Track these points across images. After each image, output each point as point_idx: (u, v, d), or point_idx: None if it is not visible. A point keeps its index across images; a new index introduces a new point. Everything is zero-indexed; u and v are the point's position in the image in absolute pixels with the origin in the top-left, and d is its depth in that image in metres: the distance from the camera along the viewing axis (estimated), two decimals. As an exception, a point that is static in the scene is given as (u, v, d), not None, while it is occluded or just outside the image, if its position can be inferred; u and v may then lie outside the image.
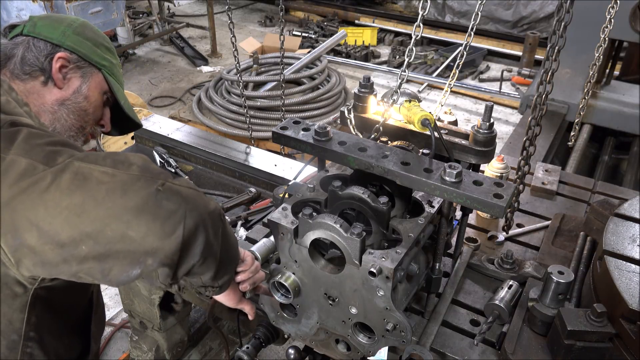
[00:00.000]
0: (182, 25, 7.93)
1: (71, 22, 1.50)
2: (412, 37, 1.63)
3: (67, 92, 1.45)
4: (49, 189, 1.05)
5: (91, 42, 1.50)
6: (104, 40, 1.57)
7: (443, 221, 1.60)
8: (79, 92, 1.47)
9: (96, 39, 1.53)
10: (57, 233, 1.05)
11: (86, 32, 1.51)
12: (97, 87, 1.51)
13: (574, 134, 3.57)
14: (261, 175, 2.81)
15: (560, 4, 1.83)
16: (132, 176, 1.11)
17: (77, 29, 1.49)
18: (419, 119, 1.62)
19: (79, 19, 1.54)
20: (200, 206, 1.17)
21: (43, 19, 1.47)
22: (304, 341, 1.76)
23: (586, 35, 3.39)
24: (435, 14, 8.60)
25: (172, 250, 1.10)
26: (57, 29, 1.45)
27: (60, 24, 1.47)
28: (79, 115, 1.48)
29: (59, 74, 1.42)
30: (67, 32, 1.46)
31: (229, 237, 1.35)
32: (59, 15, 1.56)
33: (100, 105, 1.54)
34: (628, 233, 1.73)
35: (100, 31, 1.59)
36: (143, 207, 1.08)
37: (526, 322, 1.67)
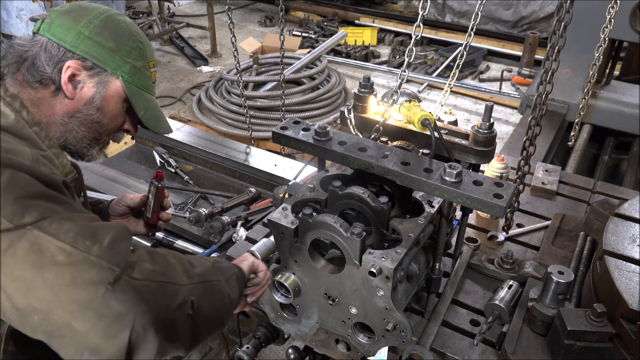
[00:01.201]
0: (182, 25, 7.93)
1: (93, 17, 1.32)
2: (412, 37, 1.63)
3: (78, 103, 1.33)
4: (6, 253, 1.00)
5: (111, 43, 1.33)
6: (129, 37, 1.38)
7: (443, 221, 1.60)
8: (91, 103, 1.34)
9: (118, 39, 1.35)
10: (12, 296, 1.01)
11: (106, 31, 1.33)
12: (114, 96, 1.37)
13: (574, 134, 3.57)
14: (261, 175, 2.81)
15: (560, 4, 1.83)
16: (87, 260, 1.02)
17: (96, 28, 1.32)
18: (419, 119, 1.62)
19: (106, 12, 1.36)
20: (161, 305, 1.07)
21: (62, 16, 1.32)
22: (304, 341, 1.76)
23: (586, 35, 3.39)
24: (435, 14, 8.60)
25: (115, 353, 1.01)
26: (73, 30, 1.30)
27: (78, 22, 1.31)
28: (92, 127, 1.37)
29: (68, 84, 1.30)
30: (83, 33, 1.30)
31: (207, 317, 1.22)
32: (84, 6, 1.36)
33: (119, 114, 1.41)
34: (628, 233, 1.73)
35: (127, 24, 1.39)
36: (89, 304, 0.99)
37: (526, 322, 1.67)
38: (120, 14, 1.42)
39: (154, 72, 1.48)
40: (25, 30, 5.21)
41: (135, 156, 3.21)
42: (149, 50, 1.44)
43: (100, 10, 1.36)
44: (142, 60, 1.40)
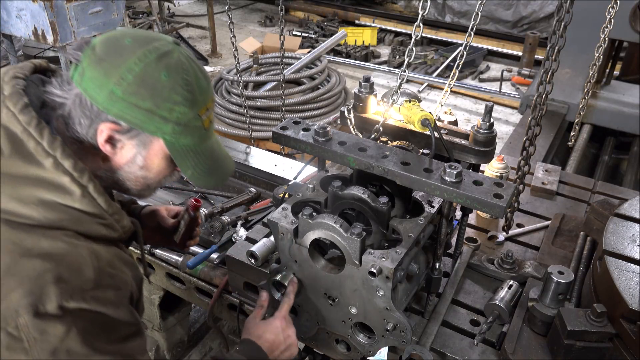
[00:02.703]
0: (182, 25, 7.93)
1: (127, 70, 1.12)
2: (412, 37, 1.63)
3: (120, 160, 1.23)
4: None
5: (148, 102, 1.14)
6: (172, 90, 1.16)
7: (443, 221, 1.60)
8: (133, 162, 1.23)
9: (157, 96, 1.14)
10: None
11: (143, 88, 1.13)
12: (157, 154, 1.23)
13: (574, 134, 3.57)
14: (261, 175, 2.81)
15: (560, 4, 1.83)
16: None
17: (129, 86, 1.12)
18: (419, 119, 1.62)
19: (145, 58, 1.14)
20: None
21: (93, 67, 1.13)
22: (304, 341, 1.76)
23: (586, 35, 3.38)
24: (435, 14, 8.60)
25: None
26: (104, 88, 1.12)
27: (110, 78, 1.12)
28: (137, 181, 1.28)
29: (106, 145, 1.18)
30: (115, 93, 1.12)
31: None
32: (120, 49, 1.15)
33: (166, 168, 1.28)
34: (628, 233, 1.73)
35: (170, 71, 1.16)
36: None
37: (526, 322, 1.67)
38: (165, 53, 1.17)
39: (207, 118, 1.26)
40: (25, 31, 5.21)
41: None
42: (201, 94, 1.21)
43: (137, 56, 1.14)
44: (190, 112, 1.19)
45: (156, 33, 1.27)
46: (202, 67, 1.26)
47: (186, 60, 1.19)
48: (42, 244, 1.10)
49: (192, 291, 2.17)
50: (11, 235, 1.09)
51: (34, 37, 5.19)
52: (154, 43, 1.17)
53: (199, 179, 1.30)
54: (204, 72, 1.26)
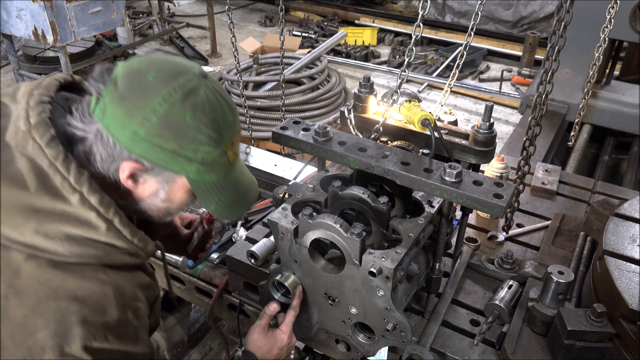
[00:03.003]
0: (182, 25, 7.93)
1: (151, 111, 1.08)
2: (412, 37, 1.63)
3: (142, 194, 1.21)
4: None
5: (172, 144, 1.11)
6: (198, 130, 1.12)
7: (443, 221, 1.60)
8: (156, 195, 1.22)
9: (181, 137, 1.11)
10: None
11: (167, 129, 1.09)
12: (180, 189, 1.22)
13: (574, 134, 3.57)
14: (261, 175, 2.81)
15: (560, 4, 1.83)
16: None
17: (153, 127, 1.08)
18: (419, 119, 1.62)
19: (169, 98, 1.09)
20: None
21: (115, 104, 1.09)
22: (304, 341, 1.76)
23: (586, 35, 3.39)
24: (435, 14, 8.59)
25: None
26: (127, 128, 1.08)
27: (133, 119, 1.08)
28: (159, 212, 1.28)
29: (128, 181, 1.17)
30: (138, 134, 1.08)
31: None
32: (143, 87, 1.10)
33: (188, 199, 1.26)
34: (628, 233, 1.73)
35: (196, 111, 1.11)
36: None
37: (526, 322, 1.67)
38: (191, 90, 1.11)
39: (232, 153, 1.22)
40: (25, 31, 5.20)
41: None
42: (227, 131, 1.18)
43: (162, 96, 1.09)
44: (215, 151, 1.16)
45: (182, 62, 1.17)
46: (229, 100, 1.20)
47: (213, 96, 1.14)
48: (68, 284, 1.11)
49: (192, 291, 2.17)
50: (37, 274, 1.10)
51: (34, 37, 5.19)
52: (180, 79, 1.11)
53: (222, 212, 1.29)
54: (231, 104, 1.21)
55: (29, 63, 6.39)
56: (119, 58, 7.18)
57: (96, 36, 6.70)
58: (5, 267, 1.09)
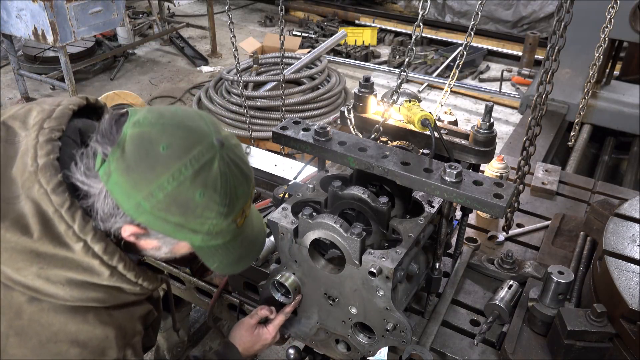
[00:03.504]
0: (182, 25, 7.92)
1: (158, 188, 1.02)
2: (412, 37, 1.63)
3: (145, 246, 1.19)
4: None
5: (178, 218, 1.07)
6: (207, 207, 1.07)
7: (443, 221, 1.60)
8: (159, 250, 1.20)
9: (189, 214, 1.06)
10: None
11: (174, 205, 1.04)
12: (184, 248, 1.20)
13: (574, 134, 3.57)
14: (261, 175, 2.81)
15: (560, 4, 1.83)
16: None
17: (159, 203, 1.03)
18: (419, 119, 1.62)
19: (179, 175, 1.03)
20: None
21: (120, 172, 1.03)
22: (304, 341, 1.76)
23: (586, 35, 3.38)
24: (435, 14, 8.59)
25: None
26: (131, 199, 1.04)
27: (138, 191, 1.03)
28: (162, 259, 1.26)
29: (130, 237, 1.14)
30: (144, 206, 1.04)
31: None
32: (152, 160, 1.02)
33: (191, 253, 1.23)
34: (628, 233, 1.73)
35: (208, 189, 1.05)
36: None
37: (526, 322, 1.67)
38: (204, 165, 1.04)
39: (242, 219, 1.18)
40: (25, 31, 5.21)
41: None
42: (238, 202, 1.13)
43: (172, 173, 1.02)
44: (223, 223, 1.11)
45: (198, 128, 1.07)
46: (244, 168, 1.14)
47: (228, 168, 1.08)
48: (69, 328, 1.11)
49: (192, 291, 2.17)
50: (39, 317, 1.10)
51: (34, 37, 5.20)
52: (193, 152, 1.03)
53: (225, 269, 1.26)
54: (246, 173, 1.15)
55: (29, 63, 6.39)
56: (118, 58, 7.19)
57: (96, 36, 6.70)
58: (7, 307, 1.08)
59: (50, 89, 6.53)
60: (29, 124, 1.14)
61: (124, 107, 4.24)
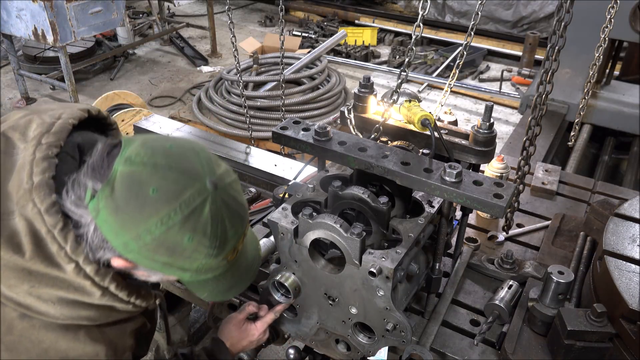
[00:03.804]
0: (182, 25, 7.93)
1: (145, 231, 1.01)
2: (412, 37, 1.63)
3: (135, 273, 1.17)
4: None
5: (166, 258, 1.06)
6: (196, 250, 1.06)
7: (443, 221, 1.60)
8: (149, 277, 1.19)
9: (177, 255, 1.05)
10: None
11: (163, 247, 1.04)
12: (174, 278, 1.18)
13: (574, 134, 3.57)
14: (261, 175, 2.80)
15: (560, 4, 1.83)
16: None
17: (147, 245, 1.03)
18: (419, 119, 1.62)
19: (169, 220, 1.01)
20: None
21: (109, 211, 1.01)
22: (304, 341, 1.76)
23: (586, 35, 3.39)
24: (435, 14, 8.59)
25: None
26: (120, 237, 1.03)
27: (126, 231, 1.02)
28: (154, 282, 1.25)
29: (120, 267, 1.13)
30: (131, 246, 1.03)
31: None
32: (140, 202, 1.01)
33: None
34: (628, 233, 1.73)
35: (198, 233, 1.04)
36: None
37: (526, 322, 1.67)
38: (194, 209, 1.02)
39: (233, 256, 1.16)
40: (25, 31, 5.21)
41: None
42: (231, 242, 1.12)
43: (160, 218, 1.01)
44: (213, 262, 1.10)
45: (192, 169, 1.05)
46: (238, 208, 1.12)
47: (219, 210, 1.06)
48: (59, 346, 1.11)
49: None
50: (30, 333, 1.10)
51: (34, 37, 5.20)
52: (184, 195, 1.01)
53: (215, 297, 1.27)
54: (240, 212, 1.13)
55: (29, 63, 6.40)
56: (118, 58, 7.19)
57: (96, 36, 6.70)
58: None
59: (50, 89, 6.53)
60: (28, 136, 1.13)
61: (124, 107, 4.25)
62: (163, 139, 1.12)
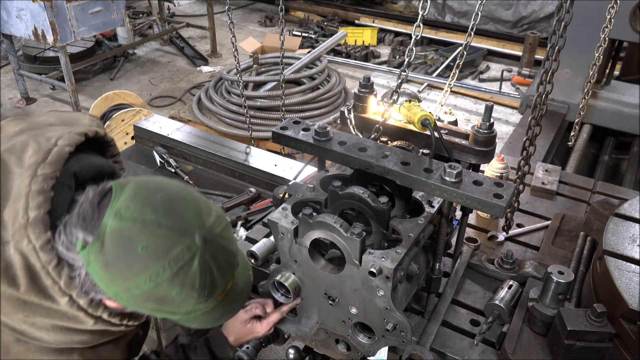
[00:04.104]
0: (182, 25, 7.93)
1: (135, 285, 1.03)
2: (412, 37, 1.63)
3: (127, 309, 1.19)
4: None
5: (156, 306, 1.09)
6: (184, 301, 1.07)
7: (443, 221, 1.60)
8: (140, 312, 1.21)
9: (167, 301, 1.07)
10: None
11: (151, 299, 1.06)
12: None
13: (574, 134, 3.57)
14: (261, 175, 2.81)
15: (560, 4, 1.83)
16: None
17: (135, 297, 1.05)
18: (419, 119, 1.62)
19: (158, 278, 1.02)
20: None
21: (99, 264, 1.03)
22: (304, 341, 1.76)
23: (586, 35, 3.38)
24: (435, 14, 8.59)
25: None
26: (110, 288, 1.06)
27: (116, 284, 1.04)
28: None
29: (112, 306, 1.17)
30: (121, 296, 1.07)
31: None
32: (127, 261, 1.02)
33: None
34: (628, 233, 1.73)
35: (187, 285, 1.05)
36: None
37: (526, 322, 1.67)
38: (183, 265, 1.03)
39: (222, 295, 1.16)
40: (25, 31, 5.21)
41: (135, 156, 3.21)
42: (220, 288, 1.13)
43: (149, 275, 1.02)
44: (202, 306, 1.12)
45: (182, 224, 1.05)
46: (228, 257, 1.13)
47: (208, 264, 1.06)
48: None
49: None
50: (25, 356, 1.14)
51: (34, 37, 5.20)
52: (173, 252, 1.02)
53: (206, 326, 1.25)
54: (229, 260, 1.14)
55: (29, 63, 6.40)
56: (118, 58, 7.19)
57: (96, 36, 6.70)
58: None
59: (50, 89, 6.53)
60: (24, 162, 1.13)
61: (124, 107, 4.25)
62: (154, 187, 1.09)
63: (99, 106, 4.33)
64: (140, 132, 3.27)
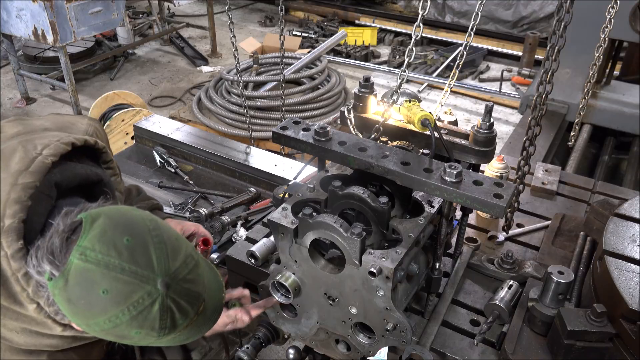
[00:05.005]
0: (182, 25, 7.93)
1: (95, 324, 1.06)
2: (412, 37, 1.63)
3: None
4: None
5: (118, 339, 1.13)
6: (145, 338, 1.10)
7: (443, 221, 1.60)
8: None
9: (127, 340, 1.12)
10: None
11: (112, 334, 1.09)
12: None
13: (574, 134, 3.57)
14: (261, 175, 2.81)
15: (560, 4, 1.83)
16: None
17: (97, 332, 1.09)
18: (419, 119, 1.62)
19: (117, 320, 1.04)
20: None
21: (60, 300, 1.07)
22: (304, 341, 1.76)
23: (586, 35, 3.39)
24: (435, 14, 8.59)
25: None
26: (73, 319, 1.11)
27: (78, 319, 1.09)
28: None
29: None
30: (83, 327, 1.11)
31: None
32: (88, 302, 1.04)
33: None
34: (628, 233, 1.73)
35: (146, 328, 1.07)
36: None
37: (526, 322, 1.67)
38: (144, 309, 1.04)
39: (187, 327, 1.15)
40: (25, 31, 5.21)
41: (135, 156, 3.21)
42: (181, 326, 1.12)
43: (108, 317, 1.04)
44: (163, 340, 1.13)
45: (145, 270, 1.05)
46: (193, 298, 1.11)
47: (169, 308, 1.06)
48: None
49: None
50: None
51: (34, 37, 5.20)
52: (134, 297, 1.03)
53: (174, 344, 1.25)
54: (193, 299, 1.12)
55: (29, 63, 6.40)
56: (118, 58, 7.19)
57: (96, 36, 6.70)
58: None
59: (50, 89, 6.53)
60: (10, 168, 1.16)
61: (124, 107, 4.25)
62: (122, 227, 1.08)
63: (99, 106, 4.33)
64: (140, 132, 3.27)
